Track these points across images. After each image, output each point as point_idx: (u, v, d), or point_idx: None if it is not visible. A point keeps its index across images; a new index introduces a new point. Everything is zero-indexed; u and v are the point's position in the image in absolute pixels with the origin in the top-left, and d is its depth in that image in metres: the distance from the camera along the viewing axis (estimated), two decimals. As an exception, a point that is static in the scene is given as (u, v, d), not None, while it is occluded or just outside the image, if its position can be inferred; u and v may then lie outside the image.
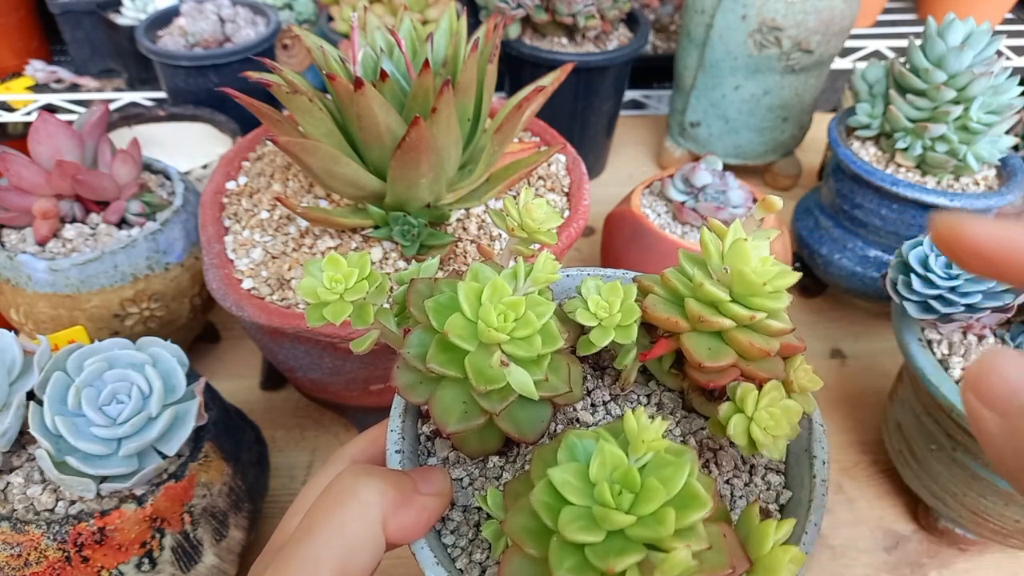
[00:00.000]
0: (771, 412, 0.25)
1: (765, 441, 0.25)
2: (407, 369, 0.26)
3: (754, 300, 0.25)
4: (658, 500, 0.19)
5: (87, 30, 0.98)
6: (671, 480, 0.20)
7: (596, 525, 0.20)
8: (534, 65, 0.73)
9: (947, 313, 0.42)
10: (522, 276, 0.25)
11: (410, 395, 0.25)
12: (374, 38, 0.44)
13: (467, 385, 0.24)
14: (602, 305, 0.26)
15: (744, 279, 0.25)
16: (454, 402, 0.25)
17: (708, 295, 0.26)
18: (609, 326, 0.26)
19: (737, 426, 0.25)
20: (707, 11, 0.70)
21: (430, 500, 0.24)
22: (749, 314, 0.25)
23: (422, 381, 0.26)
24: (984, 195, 0.55)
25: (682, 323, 0.26)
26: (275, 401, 0.60)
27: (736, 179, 0.58)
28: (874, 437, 0.58)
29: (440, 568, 0.24)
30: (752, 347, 0.25)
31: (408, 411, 0.29)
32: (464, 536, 0.26)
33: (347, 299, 0.25)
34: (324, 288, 0.25)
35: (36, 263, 0.49)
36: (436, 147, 0.40)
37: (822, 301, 0.71)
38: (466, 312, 0.24)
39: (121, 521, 0.36)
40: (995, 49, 0.54)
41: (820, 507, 0.26)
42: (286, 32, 0.89)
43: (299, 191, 0.50)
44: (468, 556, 0.25)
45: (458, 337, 0.24)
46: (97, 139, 0.52)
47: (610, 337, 0.26)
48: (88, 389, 0.37)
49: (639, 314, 0.26)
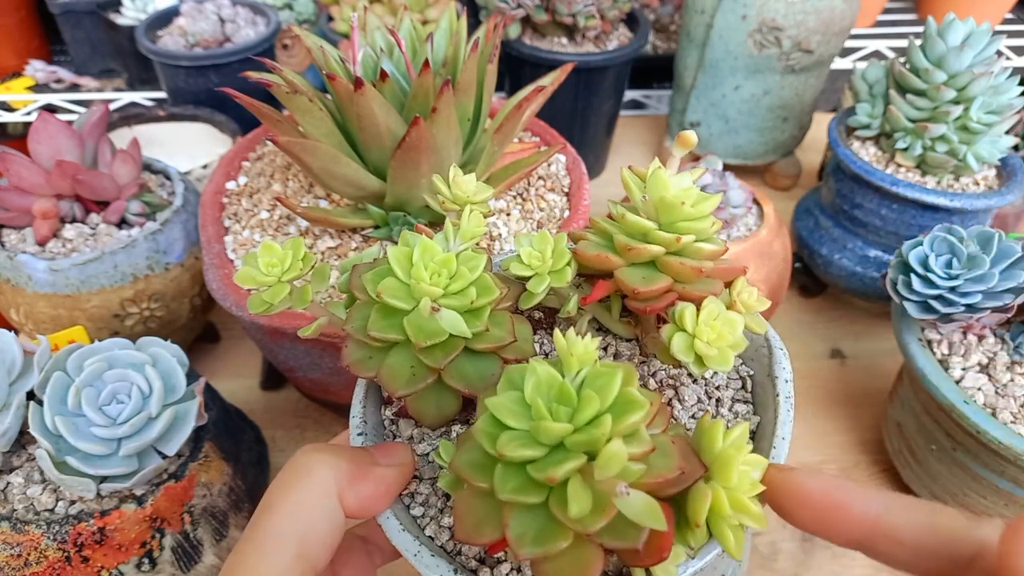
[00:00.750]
0: (712, 325, 0.25)
1: (710, 353, 0.25)
2: (354, 345, 0.26)
3: (680, 225, 0.26)
4: (593, 408, 0.20)
5: (87, 30, 0.98)
6: (605, 388, 0.20)
7: (535, 442, 0.20)
8: (534, 65, 0.73)
9: (947, 313, 0.42)
10: (452, 236, 0.26)
11: (361, 370, 0.26)
12: (374, 38, 0.44)
13: (412, 348, 0.25)
14: (534, 255, 0.27)
15: (665, 204, 0.26)
16: (402, 367, 0.26)
17: (633, 226, 0.26)
18: (543, 272, 0.27)
19: (681, 343, 0.25)
20: (707, 11, 0.70)
21: (389, 471, 0.25)
22: (674, 236, 0.25)
23: (371, 355, 0.26)
24: (984, 195, 0.55)
25: (613, 258, 0.27)
26: (275, 401, 0.60)
27: (736, 179, 0.58)
28: (874, 437, 0.58)
29: (406, 533, 0.24)
30: (684, 267, 0.26)
31: (369, 397, 0.29)
32: (433, 507, 0.26)
33: (284, 280, 0.26)
34: (261, 272, 0.26)
35: (36, 263, 0.49)
36: (436, 147, 0.40)
37: (822, 301, 0.71)
38: (398, 274, 0.25)
39: (121, 521, 0.36)
40: (995, 49, 0.54)
41: (787, 422, 0.26)
42: (286, 32, 0.89)
43: (299, 191, 0.50)
44: (437, 523, 0.26)
45: (393, 298, 0.24)
46: (97, 139, 0.52)
47: (546, 282, 0.27)
48: (88, 389, 0.37)
49: (569, 256, 0.27)
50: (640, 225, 0.26)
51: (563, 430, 0.20)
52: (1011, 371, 0.43)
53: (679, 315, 0.25)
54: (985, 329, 0.45)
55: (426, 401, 0.27)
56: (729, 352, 0.25)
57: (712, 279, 0.27)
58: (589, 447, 0.19)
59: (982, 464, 0.43)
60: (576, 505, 0.19)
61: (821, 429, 0.59)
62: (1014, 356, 0.43)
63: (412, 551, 0.24)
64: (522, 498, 0.20)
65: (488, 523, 0.21)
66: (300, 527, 0.23)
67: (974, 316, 0.43)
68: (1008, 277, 0.41)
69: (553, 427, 0.19)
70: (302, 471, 0.24)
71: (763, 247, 0.56)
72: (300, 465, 0.24)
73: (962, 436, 0.43)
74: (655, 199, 0.26)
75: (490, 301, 0.25)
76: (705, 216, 0.26)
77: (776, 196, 0.82)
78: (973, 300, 0.41)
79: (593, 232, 0.28)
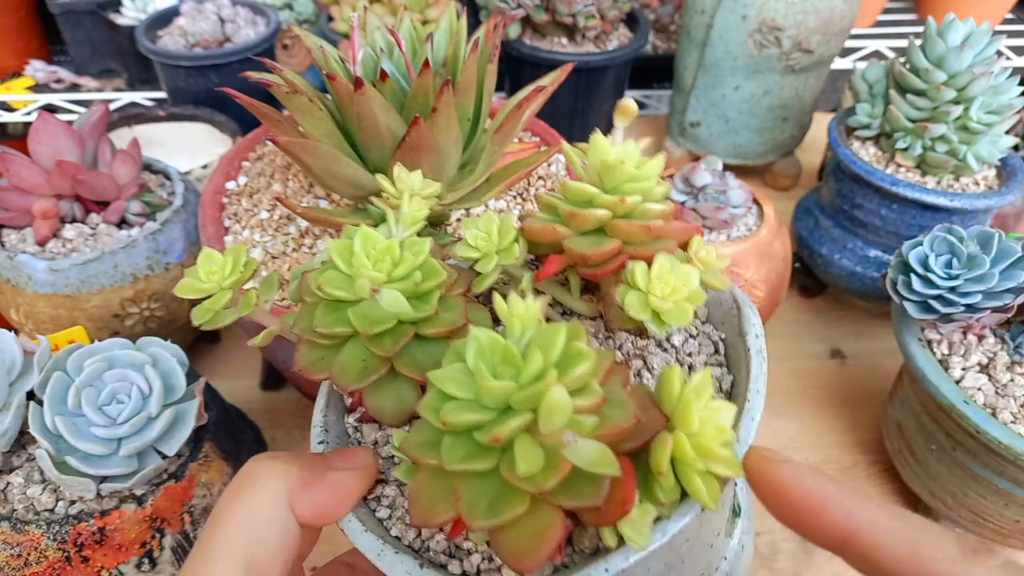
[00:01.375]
0: (665, 280, 0.24)
1: (665, 307, 0.24)
2: (306, 347, 0.25)
3: (624, 187, 0.25)
4: (537, 364, 0.19)
5: (87, 30, 0.98)
6: (549, 345, 0.19)
7: (481, 407, 0.19)
8: (534, 65, 0.73)
9: (947, 313, 0.42)
10: (393, 224, 0.25)
11: (314, 371, 0.25)
12: (374, 38, 0.44)
13: (362, 341, 0.24)
14: (479, 235, 0.26)
15: (607, 167, 0.25)
16: (353, 361, 0.25)
17: (576, 192, 0.26)
18: (491, 252, 0.26)
19: (635, 300, 0.24)
20: (707, 11, 0.70)
21: (347, 475, 0.24)
22: (619, 198, 0.25)
23: (323, 356, 0.25)
24: (984, 195, 0.55)
25: (560, 228, 0.26)
26: (275, 401, 0.60)
27: (736, 179, 0.58)
28: (874, 437, 0.58)
29: (369, 534, 0.23)
30: (631, 227, 0.25)
31: (331, 405, 0.28)
32: (400, 507, 0.25)
33: (226, 287, 0.26)
34: (200, 281, 0.25)
35: (36, 263, 0.49)
36: (436, 147, 0.40)
37: (822, 301, 0.71)
38: (340, 266, 0.24)
39: (121, 521, 0.36)
40: (995, 49, 0.54)
41: (760, 375, 0.25)
42: (286, 32, 0.89)
43: (299, 191, 0.50)
44: (404, 523, 0.25)
45: (336, 289, 0.24)
46: (97, 139, 0.52)
47: (494, 261, 0.26)
48: (88, 389, 0.37)
49: (516, 232, 0.27)
50: (583, 191, 0.25)
51: (506, 388, 0.19)
52: (1011, 371, 0.43)
53: (630, 273, 0.25)
54: (985, 329, 0.45)
55: (383, 396, 0.26)
56: (687, 305, 0.24)
57: (664, 239, 0.26)
58: (535, 403, 0.18)
59: (982, 464, 0.43)
60: (525, 462, 0.18)
61: (820, 429, 0.59)
62: (1014, 356, 0.43)
63: (375, 551, 0.23)
64: (471, 466, 0.19)
65: (443, 501, 0.20)
66: (249, 539, 0.22)
67: (974, 316, 0.43)
68: (1008, 277, 0.41)
69: (495, 386, 0.19)
70: (250, 480, 0.23)
71: (763, 247, 0.56)
72: (248, 474, 0.23)
73: (962, 436, 0.43)
74: (596, 164, 0.25)
75: (437, 284, 0.24)
76: (650, 177, 0.26)
77: (776, 196, 0.82)
78: (973, 300, 0.41)
79: (541, 208, 0.28)
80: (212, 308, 0.26)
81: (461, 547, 0.24)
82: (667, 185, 0.26)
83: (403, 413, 0.26)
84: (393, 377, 0.25)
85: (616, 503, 0.19)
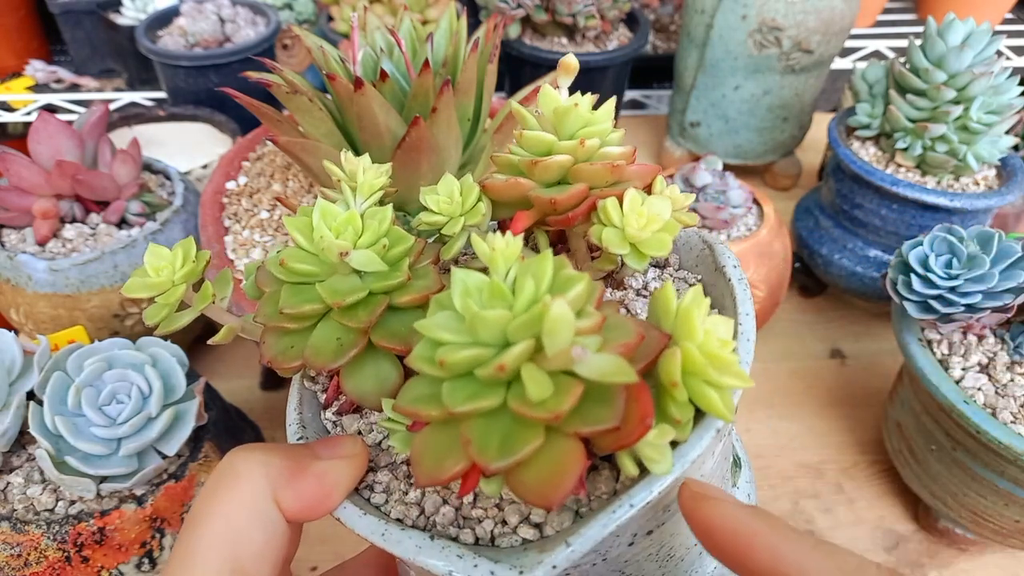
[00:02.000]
0: (639, 212, 0.24)
1: (644, 237, 0.24)
2: (272, 337, 0.24)
3: (581, 132, 0.25)
4: (530, 291, 0.18)
5: (87, 30, 0.98)
6: (539, 273, 0.18)
7: (477, 343, 0.18)
8: (534, 65, 0.73)
9: (947, 313, 0.42)
10: (351, 197, 0.25)
11: (285, 360, 0.23)
12: (374, 38, 0.44)
13: (333, 319, 0.23)
14: (442, 200, 0.26)
15: (559, 113, 0.25)
16: (327, 340, 0.24)
17: (534, 142, 0.25)
18: (455, 215, 0.26)
19: (612, 236, 0.24)
20: (707, 11, 0.70)
21: (335, 464, 0.22)
22: (577, 141, 0.25)
23: (292, 344, 0.24)
24: (984, 195, 0.55)
25: (523, 181, 0.26)
26: (275, 401, 0.60)
27: (736, 179, 0.58)
28: (874, 437, 0.58)
29: (369, 517, 0.22)
30: (595, 168, 0.25)
31: (305, 403, 0.27)
32: (396, 491, 0.24)
33: (178, 283, 0.24)
34: (149, 277, 0.24)
35: (36, 263, 0.49)
36: (436, 147, 0.40)
37: (822, 301, 0.71)
38: (301, 242, 0.23)
39: (121, 521, 0.36)
40: (995, 49, 0.53)
41: (745, 299, 0.25)
42: (286, 32, 0.89)
43: (299, 191, 0.50)
44: (403, 503, 0.23)
45: (300, 263, 0.23)
46: (97, 139, 0.52)
47: (460, 222, 0.26)
48: (88, 389, 0.37)
49: (478, 191, 0.26)
50: (541, 139, 0.25)
51: (502, 317, 0.18)
52: (1011, 371, 0.43)
53: (603, 210, 0.24)
54: (985, 329, 0.44)
55: (362, 375, 0.24)
56: (664, 235, 0.24)
57: (627, 180, 0.26)
58: (535, 328, 0.17)
59: (982, 464, 0.43)
60: (535, 388, 0.17)
61: (821, 429, 0.59)
62: (1014, 356, 0.43)
63: (379, 532, 0.21)
64: (478, 404, 0.18)
65: (450, 453, 0.19)
66: (232, 538, 0.20)
67: (974, 316, 0.43)
68: (1008, 277, 0.41)
69: (491, 316, 0.18)
70: (229, 475, 0.21)
71: (763, 247, 0.56)
72: (226, 469, 0.21)
73: (962, 436, 0.43)
74: (548, 112, 0.25)
75: (406, 250, 0.24)
76: (605, 120, 0.25)
77: (776, 196, 0.82)
78: (973, 300, 0.41)
79: (499, 168, 0.27)
80: (165, 303, 0.24)
81: (470, 517, 0.23)
82: (621, 131, 0.26)
83: (385, 392, 0.24)
84: (370, 354, 0.24)
85: (636, 420, 0.18)
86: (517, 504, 0.22)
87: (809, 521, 0.52)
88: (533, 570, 0.19)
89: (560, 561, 0.19)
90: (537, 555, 0.20)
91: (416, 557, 0.21)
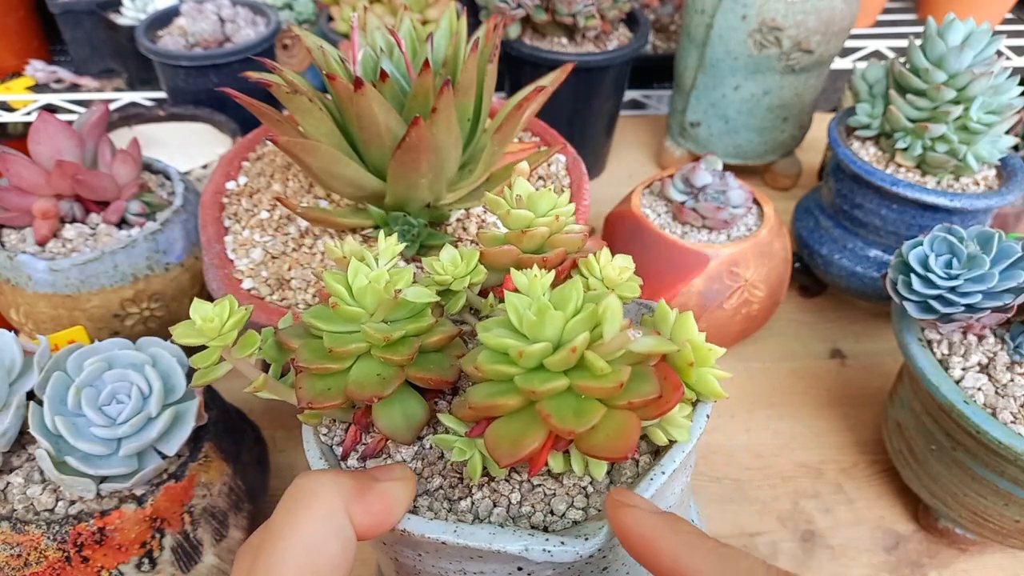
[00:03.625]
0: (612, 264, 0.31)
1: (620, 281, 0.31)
2: (309, 381, 0.27)
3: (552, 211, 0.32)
4: (576, 298, 0.24)
5: (87, 30, 0.97)
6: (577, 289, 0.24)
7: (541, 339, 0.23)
8: (534, 65, 0.73)
9: (947, 313, 0.42)
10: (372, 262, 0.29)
11: (325, 399, 0.27)
12: (374, 38, 0.44)
13: (372, 357, 0.27)
14: (447, 265, 0.31)
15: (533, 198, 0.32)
16: (368, 375, 0.27)
17: (519, 218, 0.32)
18: (460, 275, 0.31)
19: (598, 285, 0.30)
20: (707, 11, 0.70)
21: (393, 484, 0.25)
22: (553, 215, 0.32)
23: (329, 386, 0.27)
24: (984, 195, 0.55)
25: (513, 248, 0.32)
26: (275, 401, 0.60)
27: (736, 179, 0.58)
28: (874, 437, 0.58)
29: (437, 521, 0.25)
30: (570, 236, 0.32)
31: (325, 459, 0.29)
32: (442, 509, 0.27)
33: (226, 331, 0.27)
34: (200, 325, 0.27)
35: (36, 263, 0.49)
36: (436, 147, 0.40)
37: (822, 301, 0.71)
38: (343, 295, 0.27)
39: (121, 521, 0.36)
40: (995, 49, 0.53)
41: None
42: (286, 32, 0.89)
43: (299, 191, 0.50)
44: (455, 515, 0.27)
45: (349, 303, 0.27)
46: (97, 139, 0.52)
47: (466, 282, 0.31)
48: (88, 389, 0.37)
49: (477, 255, 0.31)
50: (524, 216, 0.32)
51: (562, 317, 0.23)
52: (1011, 371, 0.43)
53: (587, 264, 0.31)
54: (985, 329, 0.44)
55: (393, 411, 0.28)
56: (633, 282, 0.31)
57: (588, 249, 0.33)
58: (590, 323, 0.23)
59: (982, 464, 0.43)
60: (599, 365, 0.23)
61: (821, 429, 0.59)
62: (1014, 356, 0.43)
63: (451, 530, 0.25)
64: (554, 384, 0.23)
65: (526, 432, 0.24)
66: (310, 549, 0.22)
67: (974, 316, 0.43)
68: (1008, 277, 0.41)
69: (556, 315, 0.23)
70: (306, 493, 0.23)
71: (763, 247, 0.56)
72: (302, 487, 0.23)
73: (962, 436, 0.43)
74: (525, 197, 0.32)
75: (430, 301, 0.28)
76: (567, 203, 0.33)
77: (776, 196, 0.82)
78: (973, 300, 0.41)
79: (485, 243, 0.33)
80: (205, 362, 0.28)
81: (520, 514, 0.26)
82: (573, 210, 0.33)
83: (412, 428, 0.28)
84: (398, 394, 0.28)
85: (671, 390, 0.24)
86: (562, 495, 0.27)
87: (809, 521, 0.52)
88: (596, 535, 0.24)
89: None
90: (596, 524, 0.25)
91: (492, 543, 0.24)
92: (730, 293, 0.55)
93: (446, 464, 0.28)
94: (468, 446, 0.26)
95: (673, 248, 0.56)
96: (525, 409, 0.24)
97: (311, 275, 0.44)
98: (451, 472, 0.28)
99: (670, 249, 0.56)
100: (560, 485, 0.27)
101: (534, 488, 0.27)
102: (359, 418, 0.29)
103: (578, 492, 0.27)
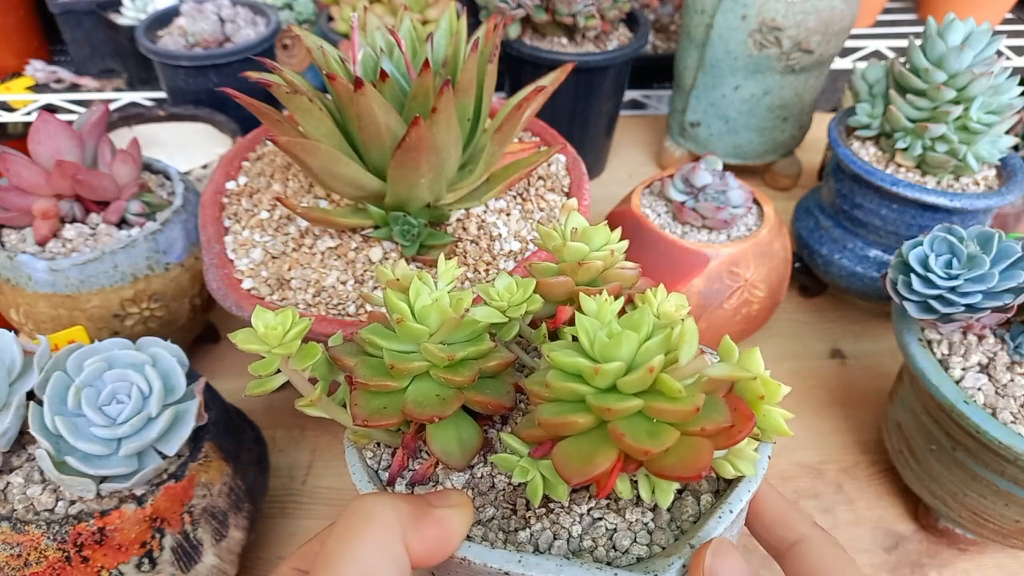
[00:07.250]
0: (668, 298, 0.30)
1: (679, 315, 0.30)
2: (365, 398, 0.27)
3: (605, 246, 0.32)
4: (649, 322, 0.24)
5: (87, 30, 0.97)
6: (649, 315, 0.25)
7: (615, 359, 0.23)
8: (534, 65, 0.73)
9: (947, 313, 0.42)
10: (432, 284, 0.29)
11: (381, 418, 0.26)
12: (374, 38, 0.44)
13: (429, 378, 0.27)
14: (504, 293, 0.31)
15: (587, 232, 0.32)
16: (427, 395, 0.27)
17: (574, 251, 0.32)
18: (517, 303, 0.31)
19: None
20: (707, 11, 0.70)
21: (450, 511, 0.24)
22: (609, 251, 0.32)
23: (385, 405, 0.27)
24: (984, 195, 0.55)
25: (569, 280, 0.32)
26: (275, 401, 0.60)
27: (736, 179, 0.58)
28: (874, 437, 0.58)
29: (499, 550, 0.25)
30: (624, 271, 0.33)
31: (372, 481, 0.29)
32: (498, 540, 0.26)
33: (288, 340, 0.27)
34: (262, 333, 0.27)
35: (36, 263, 0.49)
36: (436, 147, 0.40)
37: (822, 301, 0.71)
38: (404, 312, 0.27)
39: (121, 521, 0.36)
40: (995, 49, 0.53)
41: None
42: (286, 32, 0.89)
43: (299, 191, 0.50)
44: (512, 543, 0.26)
45: (412, 321, 0.27)
46: (97, 139, 0.52)
47: (523, 309, 0.31)
48: (88, 389, 0.37)
49: (533, 284, 0.31)
50: (579, 249, 0.32)
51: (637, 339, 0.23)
52: (1011, 371, 0.43)
53: (644, 298, 0.30)
54: (985, 329, 0.44)
55: (447, 436, 0.28)
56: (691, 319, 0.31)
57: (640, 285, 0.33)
58: (665, 346, 0.24)
59: (982, 464, 0.43)
60: (674, 389, 0.22)
61: (821, 429, 0.59)
62: (1014, 356, 0.43)
63: (515, 559, 0.24)
64: (629, 403, 0.23)
65: (597, 452, 0.23)
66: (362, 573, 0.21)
67: (974, 316, 0.43)
68: (1008, 277, 0.41)
69: (631, 336, 0.23)
70: (363, 516, 0.23)
71: (763, 247, 0.56)
72: (359, 510, 0.23)
73: (962, 436, 0.43)
74: (579, 230, 0.33)
75: (487, 325, 0.28)
76: (618, 239, 0.33)
77: (776, 196, 0.82)
78: (973, 300, 0.41)
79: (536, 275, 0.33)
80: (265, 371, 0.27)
81: (582, 548, 0.26)
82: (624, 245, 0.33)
83: (466, 453, 0.28)
84: (452, 419, 0.28)
85: (743, 420, 0.24)
86: (624, 529, 0.26)
87: (809, 521, 0.52)
88: (666, 571, 0.24)
89: (686, 558, 0.24)
90: (665, 560, 0.24)
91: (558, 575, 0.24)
92: (730, 293, 0.55)
93: (498, 494, 0.28)
94: (530, 466, 0.26)
95: (673, 248, 0.56)
96: (595, 429, 0.24)
97: (311, 275, 0.44)
98: (503, 503, 0.28)
99: (670, 249, 0.56)
100: (622, 519, 0.27)
101: (595, 522, 0.27)
102: (408, 442, 0.29)
103: (641, 527, 0.27)
